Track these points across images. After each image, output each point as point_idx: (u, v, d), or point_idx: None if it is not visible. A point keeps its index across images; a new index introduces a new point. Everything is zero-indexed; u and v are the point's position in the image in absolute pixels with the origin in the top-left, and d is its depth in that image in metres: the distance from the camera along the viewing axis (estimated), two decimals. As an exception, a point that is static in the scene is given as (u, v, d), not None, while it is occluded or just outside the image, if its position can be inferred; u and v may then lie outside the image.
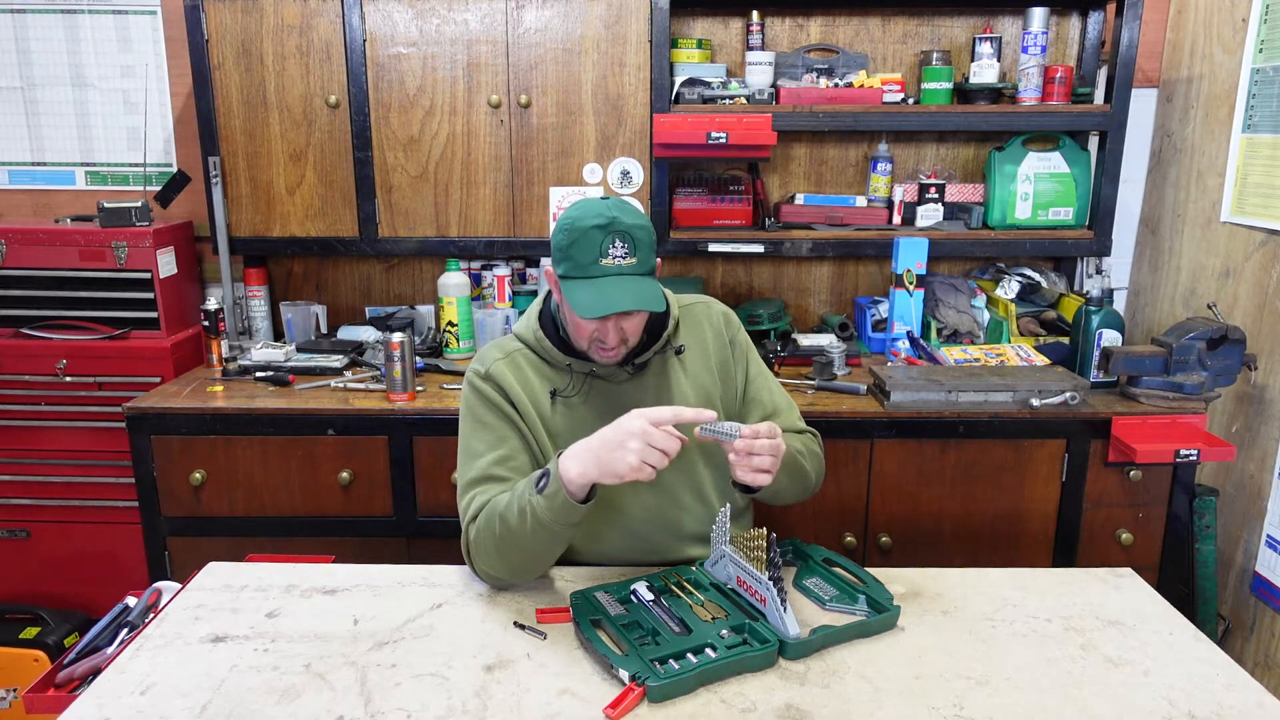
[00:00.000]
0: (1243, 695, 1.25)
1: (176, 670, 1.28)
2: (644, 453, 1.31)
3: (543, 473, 1.39)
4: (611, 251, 1.43)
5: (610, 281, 1.43)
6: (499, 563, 1.45)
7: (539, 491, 1.37)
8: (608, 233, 1.42)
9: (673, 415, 1.35)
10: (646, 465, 1.31)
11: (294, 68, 2.44)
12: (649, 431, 1.31)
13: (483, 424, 1.55)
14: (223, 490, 2.24)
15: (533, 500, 1.37)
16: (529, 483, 1.40)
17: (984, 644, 1.36)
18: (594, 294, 1.42)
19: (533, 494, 1.37)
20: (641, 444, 1.31)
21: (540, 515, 1.37)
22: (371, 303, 2.86)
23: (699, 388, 1.63)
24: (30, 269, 2.46)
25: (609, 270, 1.43)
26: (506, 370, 1.57)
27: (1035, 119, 2.52)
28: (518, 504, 1.39)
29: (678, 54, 2.58)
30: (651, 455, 1.31)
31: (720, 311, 1.71)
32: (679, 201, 2.63)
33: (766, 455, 1.39)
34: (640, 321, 1.52)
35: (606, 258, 1.43)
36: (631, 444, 1.31)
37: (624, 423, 1.34)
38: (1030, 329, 2.56)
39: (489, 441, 1.54)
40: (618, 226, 1.43)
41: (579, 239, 1.43)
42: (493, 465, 1.52)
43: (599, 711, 1.19)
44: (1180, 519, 2.24)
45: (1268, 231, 2.27)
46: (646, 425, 1.32)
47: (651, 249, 1.48)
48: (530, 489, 1.38)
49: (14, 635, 2.44)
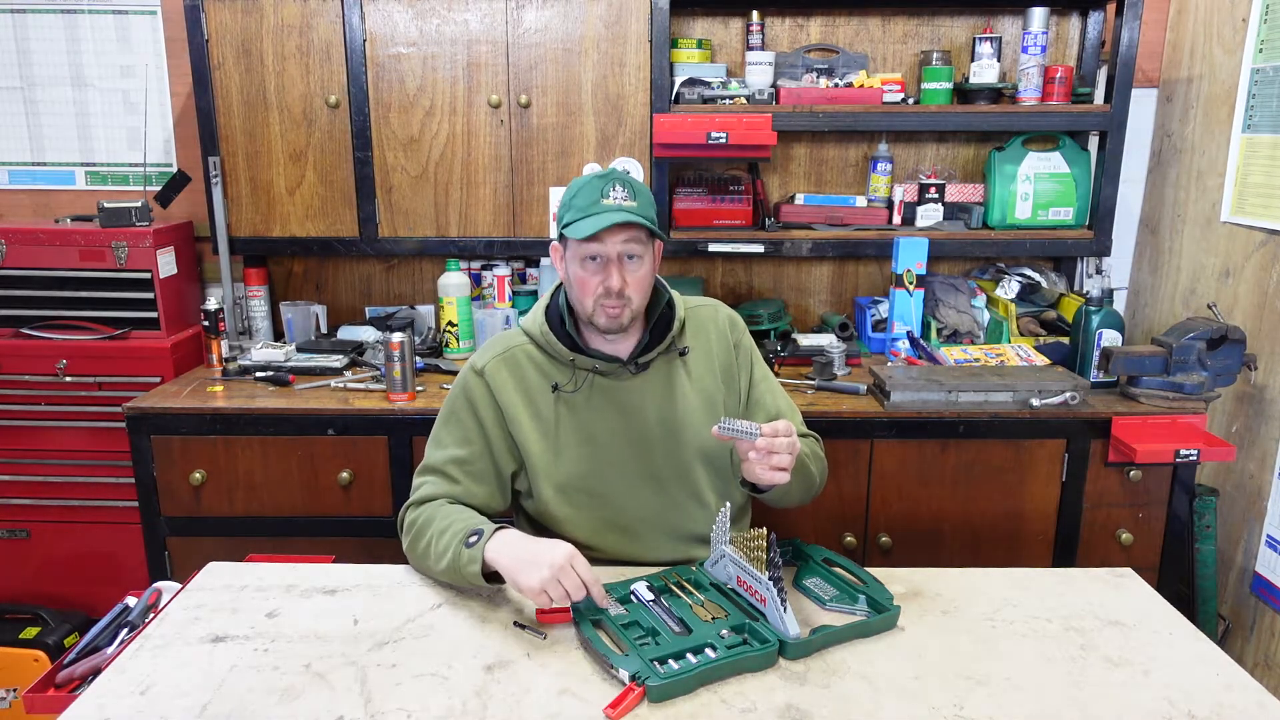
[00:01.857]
0: (1243, 695, 1.25)
1: (176, 670, 1.28)
2: (548, 583, 1.33)
3: (476, 531, 1.43)
4: (612, 194, 1.49)
5: (612, 213, 1.48)
6: (416, 562, 1.55)
7: (466, 545, 1.42)
8: (608, 180, 1.50)
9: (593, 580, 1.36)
10: (546, 594, 1.33)
11: (294, 68, 2.44)
12: (565, 568, 1.34)
13: (456, 418, 1.60)
14: (223, 490, 2.24)
15: (457, 548, 1.43)
16: (464, 531, 1.44)
17: (984, 644, 1.36)
18: (593, 221, 1.47)
19: (461, 544, 1.43)
20: (551, 575, 1.33)
21: (459, 564, 1.42)
22: (371, 303, 2.86)
23: (702, 390, 1.64)
24: (30, 269, 2.46)
25: (609, 207, 1.48)
26: (503, 368, 1.58)
27: (1035, 119, 2.52)
28: (449, 537, 1.45)
29: (678, 54, 2.58)
30: (555, 589, 1.33)
31: (726, 315, 1.71)
32: (679, 201, 2.63)
33: (785, 454, 1.41)
34: (645, 278, 1.54)
35: (607, 198, 1.49)
36: (543, 572, 1.33)
37: (554, 548, 1.37)
38: (1030, 329, 2.56)
39: (455, 438, 1.59)
40: (619, 176, 1.51)
41: (581, 188, 1.52)
42: (449, 463, 1.57)
43: (599, 711, 1.19)
44: (1180, 519, 2.24)
45: (1268, 231, 2.27)
46: (568, 563, 1.34)
47: (652, 206, 1.54)
48: (463, 536, 1.44)
49: (14, 635, 2.44)
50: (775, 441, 1.40)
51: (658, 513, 1.61)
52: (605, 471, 1.59)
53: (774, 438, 1.40)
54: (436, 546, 1.47)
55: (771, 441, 1.39)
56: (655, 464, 1.60)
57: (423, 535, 1.51)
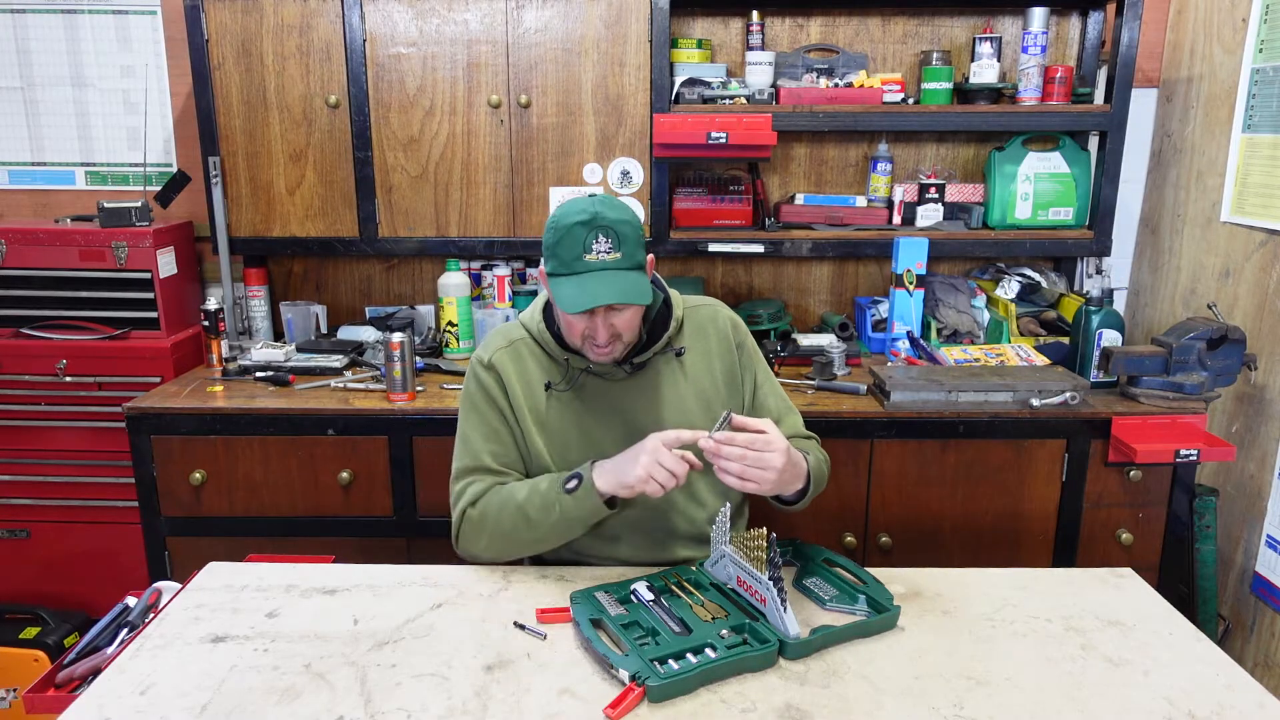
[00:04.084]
0: (1243, 695, 1.25)
1: (176, 670, 1.28)
2: (650, 468, 1.40)
3: (572, 475, 1.48)
4: (595, 247, 1.44)
5: (594, 276, 1.45)
6: (501, 545, 1.54)
7: (567, 492, 1.46)
8: (590, 229, 1.44)
9: (675, 437, 1.43)
10: (653, 480, 1.40)
11: (294, 68, 2.44)
12: (659, 450, 1.41)
13: (479, 414, 1.60)
14: (223, 490, 2.24)
15: (561, 499, 1.47)
16: (556, 483, 1.48)
17: (984, 644, 1.36)
18: (577, 289, 1.44)
19: (560, 493, 1.47)
20: (650, 459, 1.40)
21: (568, 512, 1.47)
22: (371, 303, 2.86)
23: (698, 392, 1.63)
24: (30, 269, 2.46)
25: (593, 265, 1.45)
26: (507, 359, 1.60)
27: (1035, 119, 2.52)
28: (541, 499, 1.48)
29: (678, 54, 2.58)
30: (658, 472, 1.40)
31: (727, 317, 1.71)
32: (679, 201, 2.63)
33: (732, 462, 1.41)
34: (633, 318, 1.53)
35: (590, 253, 1.45)
36: (641, 459, 1.41)
37: (641, 442, 1.44)
38: (1030, 329, 2.56)
39: (484, 433, 1.59)
40: (600, 222, 1.44)
41: (563, 236, 1.45)
42: (486, 457, 1.57)
43: (599, 711, 1.19)
44: (1180, 519, 2.24)
45: (1268, 231, 2.27)
46: (659, 445, 1.41)
47: (638, 244, 1.49)
48: (558, 489, 1.47)
49: (14, 635, 2.44)
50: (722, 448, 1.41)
51: (655, 512, 1.60)
52: None
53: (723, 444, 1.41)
54: (532, 513, 1.49)
55: (719, 447, 1.41)
56: None
57: (504, 516, 1.51)
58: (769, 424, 1.45)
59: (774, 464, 1.41)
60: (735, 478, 1.41)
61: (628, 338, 1.54)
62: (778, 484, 1.44)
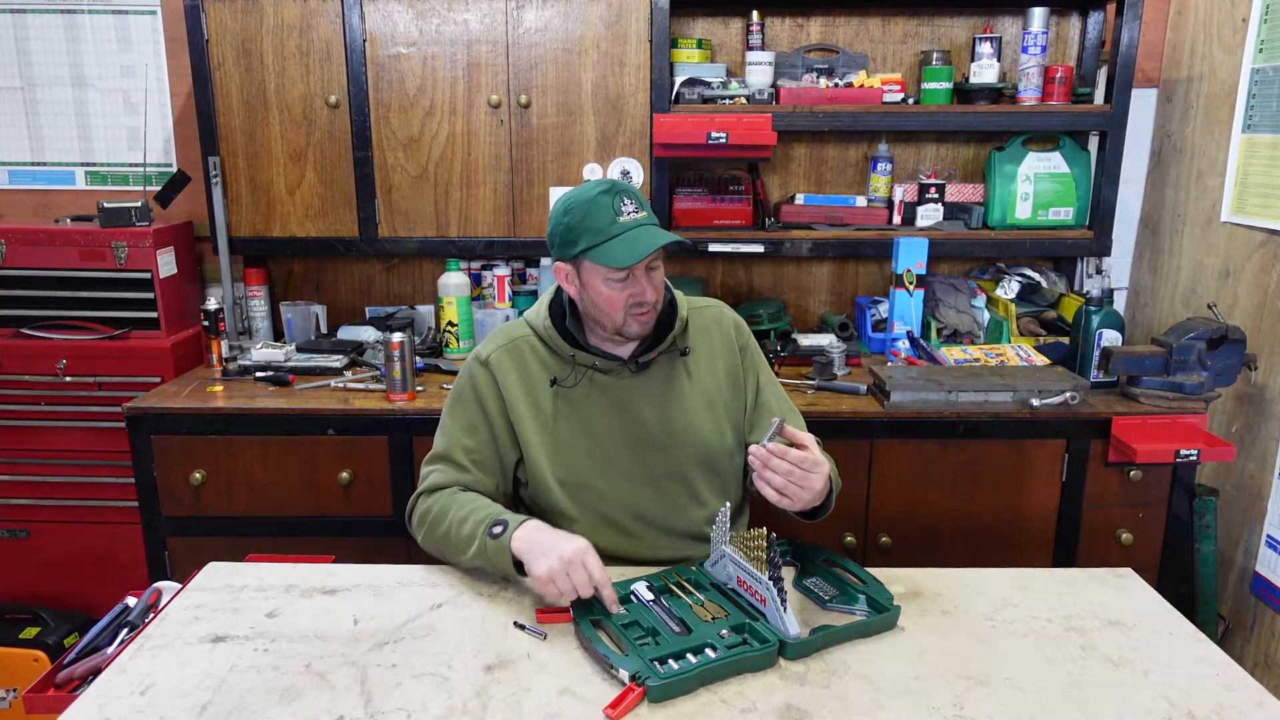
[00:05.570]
0: (1243, 695, 1.25)
1: (176, 670, 1.28)
2: (556, 573, 1.35)
3: (499, 522, 1.45)
4: (624, 209, 1.48)
5: (636, 232, 1.47)
6: (432, 546, 1.57)
7: (491, 536, 1.43)
8: (614, 194, 1.48)
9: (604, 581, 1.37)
10: (554, 585, 1.35)
11: (294, 68, 2.44)
12: (575, 563, 1.35)
13: (463, 407, 1.61)
14: (223, 490, 2.24)
15: (485, 539, 1.44)
16: (487, 520, 1.46)
17: (984, 644, 1.36)
18: (626, 246, 1.46)
19: (485, 533, 1.44)
20: (560, 566, 1.35)
21: (486, 553, 1.44)
22: (371, 303, 2.86)
23: (701, 392, 1.63)
24: (30, 269, 2.46)
25: (629, 225, 1.47)
26: (507, 358, 1.60)
27: (1035, 119, 2.52)
28: (470, 528, 1.47)
29: (678, 54, 2.58)
30: (563, 580, 1.35)
31: (731, 318, 1.71)
32: (679, 201, 2.63)
33: (778, 475, 1.38)
34: (661, 280, 1.56)
35: (622, 215, 1.47)
36: (553, 561, 1.36)
37: (570, 541, 1.39)
38: (1030, 329, 2.56)
39: (463, 427, 1.60)
40: (621, 188, 1.50)
41: (590, 208, 1.48)
42: (458, 451, 1.59)
43: (599, 711, 1.19)
44: (1180, 519, 2.24)
45: (1268, 231, 2.27)
46: (579, 558, 1.36)
47: (653, 212, 1.56)
48: (486, 526, 1.45)
49: (14, 635, 2.44)
50: (771, 460, 1.38)
51: (655, 511, 1.61)
52: (602, 468, 1.59)
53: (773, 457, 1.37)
54: (459, 535, 1.48)
55: (768, 458, 1.38)
56: (653, 463, 1.60)
57: (440, 523, 1.52)
58: (812, 440, 1.44)
59: (815, 486, 1.40)
60: (775, 491, 1.39)
61: (660, 304, 1.56)
62: (808, 503, 1.43)
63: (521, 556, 1.40)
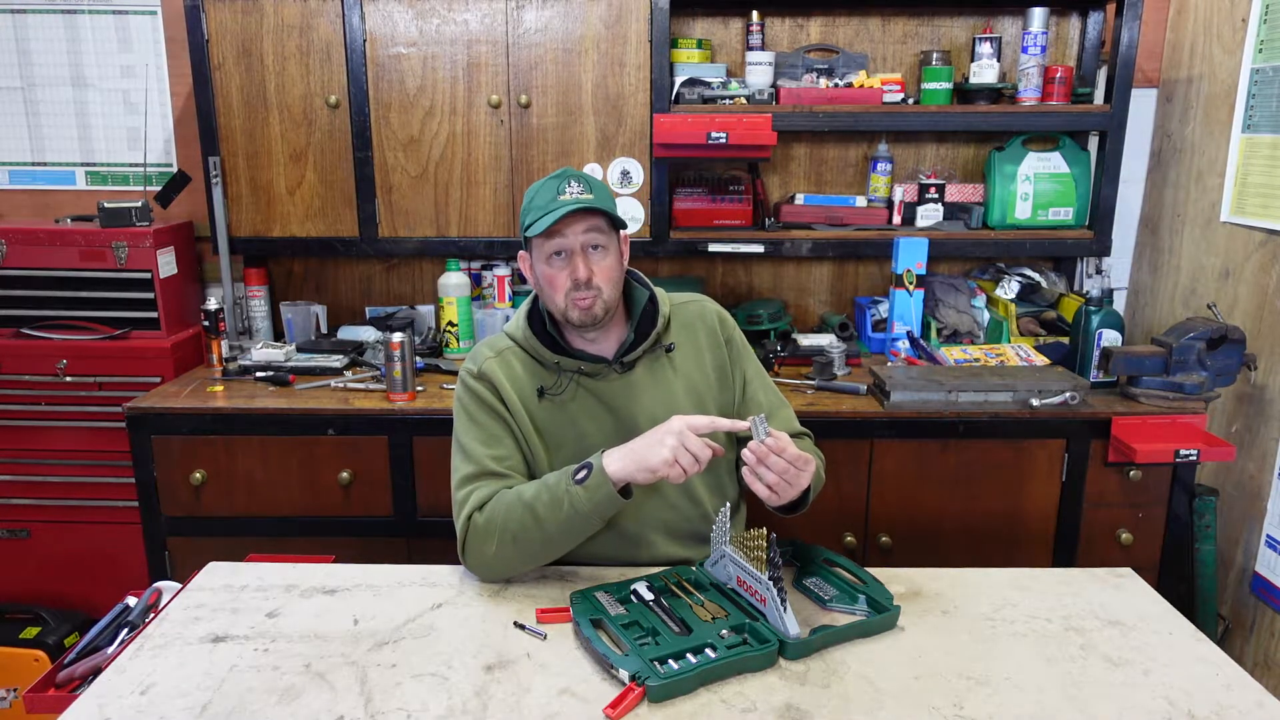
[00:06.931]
0: (1243, 695, 1.25)
1: (176, 670, 1.29)
2: (677, 450, 1.38)
3: (581, 466, 1.44)
4: (568, 189, 1.51)
5: (570, 205, 1.49)
6: (510, 550, 1.47)
7: (577, 483, 1.42)
8: (564, 178, 1.52)
9: (709, 424, 1.42)
10: (678, 464, 1.38)
11: (294, 68, 2.45)
12: (685, 434, 1.39)
13: (476, 422, 1.57)
14: (223, 490, 2.24)
15: (571, 491, 1.42)
16: (564, 476, 1.44)
17: (984, 644, 1.36)
18: (552, 215, 1.49)
19: (570, 485, 1.42)
20: (677, 442, 1.38)
21: (579, 506, 1.42)
22: (371, 303, 2.86)
23: (689, 387, 1.63)
24: (30, 269, 2.46)
25: (568, 202, 1.50)
26: (498, 368, 1.59)
27: (1035, 119, 2.52)
28: (549, 494, 1.44)
29: (678, 54, 2.58)
30: (684, 456, 1.38)
31: (714, 311, 1.71)
32: (679, 201, 2.63)
33: (772, 473, 1.40)
34: (612, 267, 1.55)
35: (563, 194, 1.50)
36: (668, 440, 1.39)
37: (665, 424, 1.41)
38: (1030, 329, 2.56)
39: (483, 439, 1.56)
40: (572, 174, 1.53)
41: (539, 190, 1.53)
42: (489, 461, 1.54)
43: (599, 711, 1.19)
44: (1180, 519, 2.24)
45: (1268, 231, 2.27)
46: (684, 428, 1.39)
47: (610, 203, 1.55)
48: (567, 481, 1.43)
49: (14, 635, 2.45)
50: (769, 459, 1.39)
51: (652, 511, 1.60)
52: None
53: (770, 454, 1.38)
54: (541, 510, 1.43)
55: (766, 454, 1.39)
56: None
57: (512, 517, 1.46)
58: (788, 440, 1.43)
59: (802, 484, 1.43)
60: (766, 486, 1.41)
61: (607, 292, 1.54)
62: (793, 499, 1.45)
63: (628, 468, 1.40)
